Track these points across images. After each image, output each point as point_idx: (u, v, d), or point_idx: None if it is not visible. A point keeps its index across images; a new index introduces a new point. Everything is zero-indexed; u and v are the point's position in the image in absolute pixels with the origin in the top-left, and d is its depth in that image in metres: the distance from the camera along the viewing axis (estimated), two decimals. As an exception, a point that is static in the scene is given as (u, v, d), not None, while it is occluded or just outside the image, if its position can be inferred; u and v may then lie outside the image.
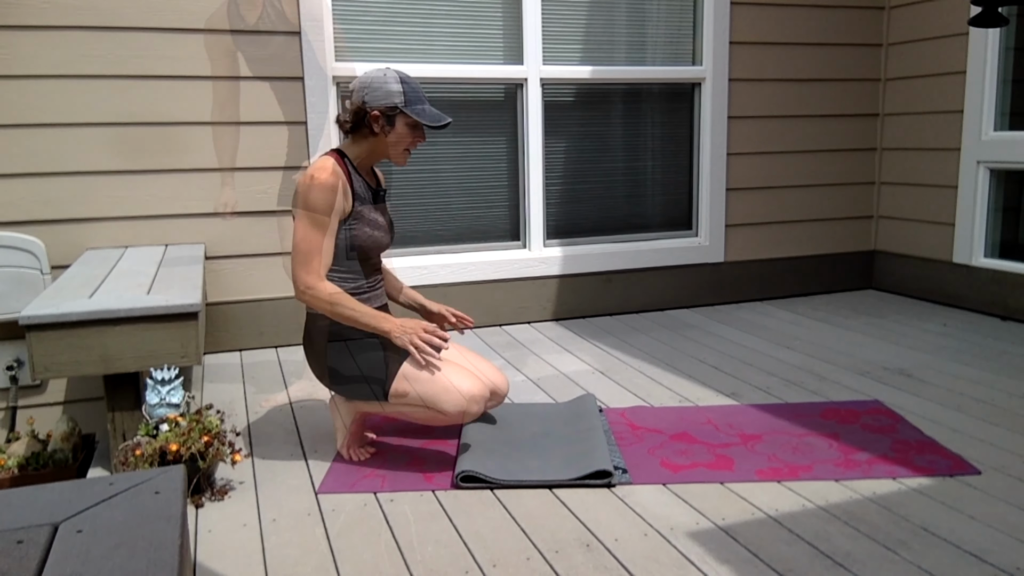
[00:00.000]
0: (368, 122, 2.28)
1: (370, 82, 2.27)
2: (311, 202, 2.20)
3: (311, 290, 2.22)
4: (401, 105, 2.26)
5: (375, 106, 2.26)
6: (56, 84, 3.25)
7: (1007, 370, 3.17)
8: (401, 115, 2.28)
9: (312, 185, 2.20)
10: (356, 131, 2.32)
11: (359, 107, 2.27)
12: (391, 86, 2.26)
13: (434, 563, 1.84)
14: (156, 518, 1.17)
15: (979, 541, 1.89)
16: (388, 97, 2.26)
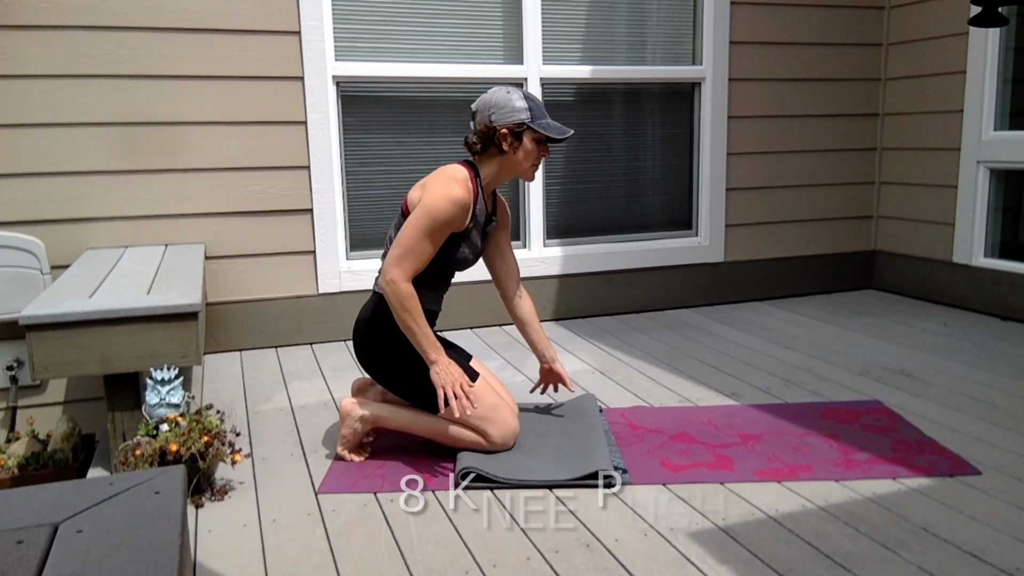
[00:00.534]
0: (497, 140, 2.32)
1: (495, 101, 2.32)
2: (438, 211, 2.22)
3: (394, 284, 2.23)
4: (528, 121, 2.33)
5: (503, 124, 2.31)
6: (56, 84, 3.25)
7: (1007, 370, 3.17)
8: (528, 131, 2.34)
9: (446, 196, 2.22)
10: (484, 151, 2.36)
11: (487, 126, 2.32)
12: (516, 103, 2.32)
13: (434, 563, 1.84)
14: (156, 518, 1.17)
15: (979, 541, 1.89)
16: (515, 114, 2.31)
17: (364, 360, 2.40)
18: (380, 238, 3.90)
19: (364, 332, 2.39)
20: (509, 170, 2.40)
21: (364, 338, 2.38)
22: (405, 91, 3.86)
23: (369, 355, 2.39)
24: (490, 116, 2.32)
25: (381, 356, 2.37)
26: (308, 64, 3.57)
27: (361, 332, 2.39)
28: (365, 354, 2.39)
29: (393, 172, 3.89)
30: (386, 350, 2.35)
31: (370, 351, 2.38)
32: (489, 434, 2.34)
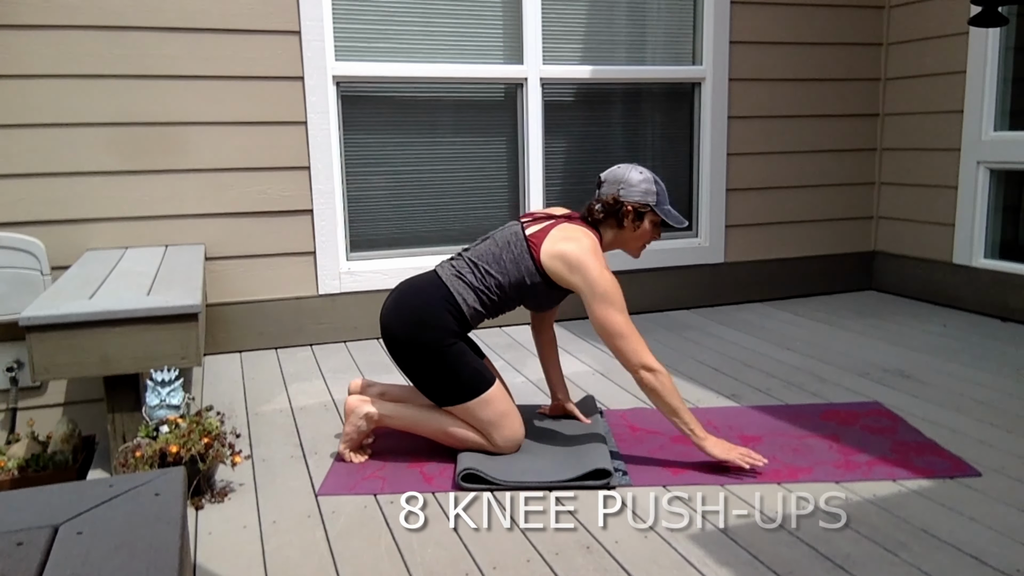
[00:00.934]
0: (620, 215, 2.38)
1: (627, 178, 2.38)
2: (619, 296, 2.28)
3: (656, 370, 2.23)
4: (653, 204, 2.39)
5: (630, 201, 2.37)
6: (56, 84, 3.25)
7: (1007, 371, 3.17)
8: (650, 213, 2.40)
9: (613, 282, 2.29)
10: (603, 221, 2.42)
11: (615, 199, 2.38)
12: (647, 186, 2.38)
13: (434, 565, 1.84)
14: (156, 520, 1.16)
15: (979, 543, 1.89)
16: (643, 196, 2.38)
17: (402, 346, 2.35)
18: (380, 238, 3.90)
19: (411, 322, 2.33)
20: (620, 243, 2.46)
21: (410, 328, 2.33)
22: (405, 91, 3.86)
23: (409, 343, 2.33)
24: (619, 191, 2.38)
25: (422, 347, 2.31)
26: (308, 64, 3.57)
27: (407, 320, 2.33)
28: (406, 341, 2.33)
29: (393, 172, 3.89)
30: (429, 343, 2.31)
31: (412, 341, 2.32)
32: (494, 439, 2.35)
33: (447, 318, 2.32)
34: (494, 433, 2.34)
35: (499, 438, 2.35)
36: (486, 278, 2.36)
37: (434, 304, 2.33)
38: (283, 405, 2.95)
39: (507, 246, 2.38)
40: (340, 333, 3.78)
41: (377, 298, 3.79)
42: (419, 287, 2.40)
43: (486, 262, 2.38)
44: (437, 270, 2.44)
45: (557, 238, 2.35)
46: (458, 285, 2.36)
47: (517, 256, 2.36)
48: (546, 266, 2.33)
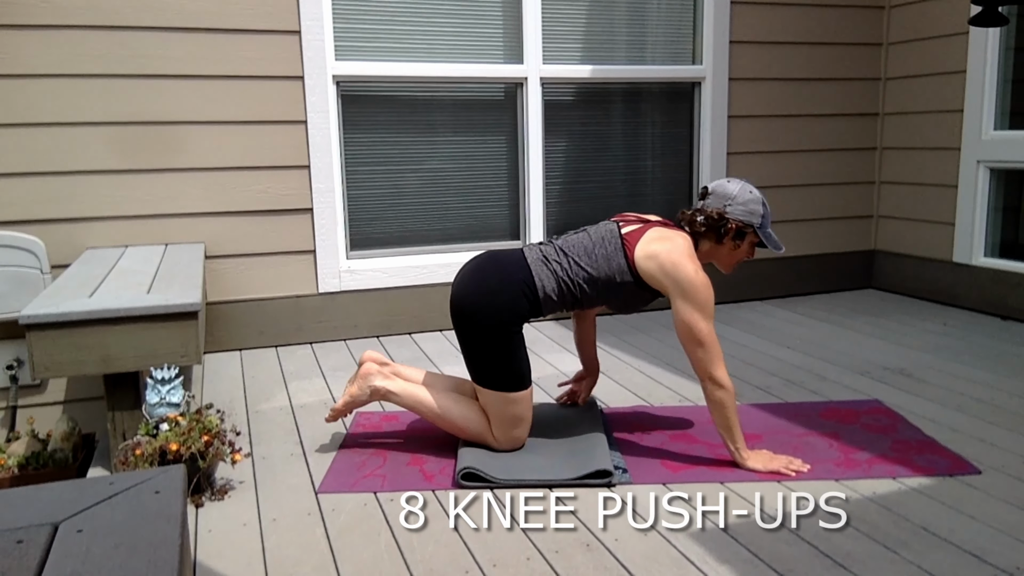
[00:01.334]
0: (723, 231, 2.35)
1: (735, 194, 2.35)
2: (710, 302, 2.26)
3: (726, 385, 2.24)
4: (756, 226, 2.36)
5: (734, 219, 2.34)
6: (56, 84, 3.25)
7: (1007, 370, 3.17)
8: (751, 234, 2.38)
9: (706, 286, 2.27)
10: (703, 234, 2.40)
11: (719, 214, 2.35)
12: (754, 206, 2.35)
13: (434, 563, 1.84)
14: (156, 518, 1.16)
15: (979, 541, 1.89)
16: (749, 216, 2.35)
17: (466, 315, 2.33)
18: (380, 237, 3.90)
19: (484, 293, 2.32)
20: (713, 256, 2.44)
21: (481, 299, 2.31)
22: (405, 91, 3.86)
23: (475, 314, 2.31)
24: (725, 206, 2.35)
25: (486, 320, 2.30)
26: (308, 64, 3.57)
27: (481, 291, 2.32)
28: (472, 312, 2.32)
29: (393, 172, 3.89)
30: (495, 321, 2.30)
31: (478, 312, 2.31)
32: (499, 435, 2.36)
33: (521, 302, 2.31)
34: (503, 430, 2.35)
35: (504, 437, 2.35)
36: (573, 269, 2.34)
37: (512, 285, 2.32)
38: (283, 403, 2.95)
39: (601, 241, 2.38)
40: (340, 331, 3.78)
41: (377, 297, 3.80)
42: (502, 263, 2.39)
43: (577, 253, 2.37)
44: (524, 251, 2.41)
45: (652, 238, 2.35)
46: (541, 270, 2.34)
47: (610, 252, 2.35)
48: (639, 266, 2.31)
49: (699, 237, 2.41)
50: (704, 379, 2.26)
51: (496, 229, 4.10)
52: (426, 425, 2.68)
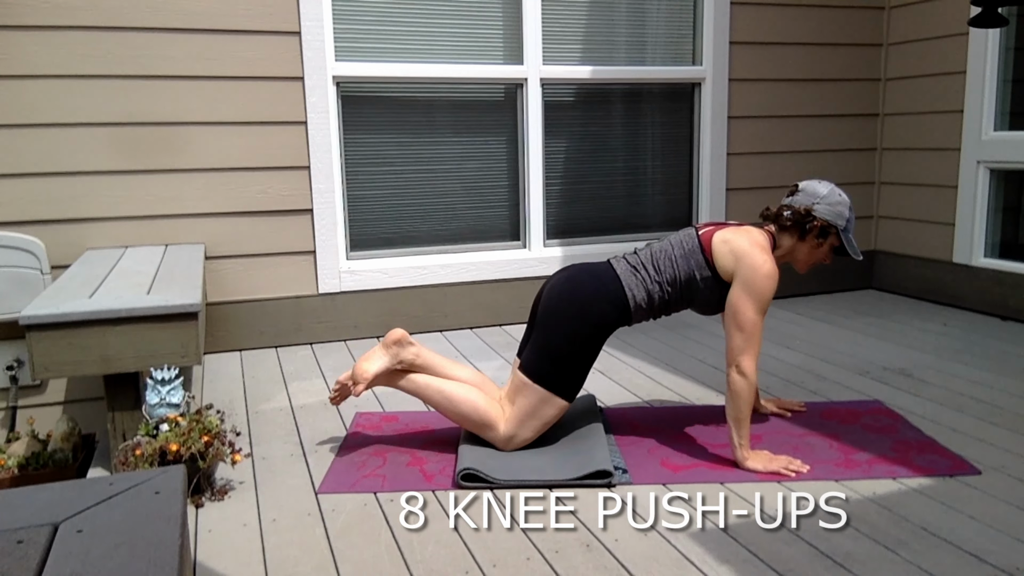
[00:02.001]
0: (808, 228, 2.38)
1: (825, 194, 2.38)
2: (767, 293, 2.27)
3: (748, 376, 2.24)
4: (840, 229, 2.38)
5: (821, 217, 2.37)
6: (56, 84, 3.25)
7: (1007, 370, 3.17)
8: (834, 236, 2.40)
9: (769, 276, 2.28)
10: (785, 229, 2.42)
11: (807, 211, 2.37)
12: (841, 209, 2.38)
13: (434, 563, 1.84)
14: (156, 518, 1.17)
15: (979, 541, 1.89)
16: (836, 217, 2.37)
17: (552, 310, 2.37)
18: (380, 238, 3.90)
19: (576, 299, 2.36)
20: (793, 253, 2.45)
21: (573, 301, 2.35)
22: (405, 91, 3.86)
23: (562, 311, 2.35)
24: (814, 203, 2.38)
25: (570, 320, 2.34)
26: (308, 64, 3.57)
27: (574, 295, 2.36)
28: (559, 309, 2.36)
29: (393, 172, 3.89)
30: (578, 325, 2.34)
31: (565, 310, 2.35)
32: (510, 431, 2.35)
33: (609, 312, 2.35)
34: (520, 426, 2.35)
35: (515, 433, 2.35)
36: (659, 275, 2.38)
37: (602, 295, 2.36)
38: (283, 403, 2.95)
39: (679, 244, 2.42)
40: (340, 332, 3.78)
41: (377, 297, 3.80)
42: (594, 272, 2.43)
43: (659, 260, 2.40)
44: (612, 263, 2.45)
45: (728, 230, 2.40)
46: (631, 281, 2.38)
47: (688, 251, 2.38)
48: (715, 250, 2.34)
49: (782, 233, 2.44)
50: (731, 365, 2.26)
51: (496, 230, 4.11)
52: (426, 425, 2.68)
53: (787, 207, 2.43)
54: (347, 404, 2.90)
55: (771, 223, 2.47)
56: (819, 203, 2.38)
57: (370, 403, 2.93)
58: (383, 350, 2.44)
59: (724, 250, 2.34)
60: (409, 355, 2.45)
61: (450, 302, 3.92)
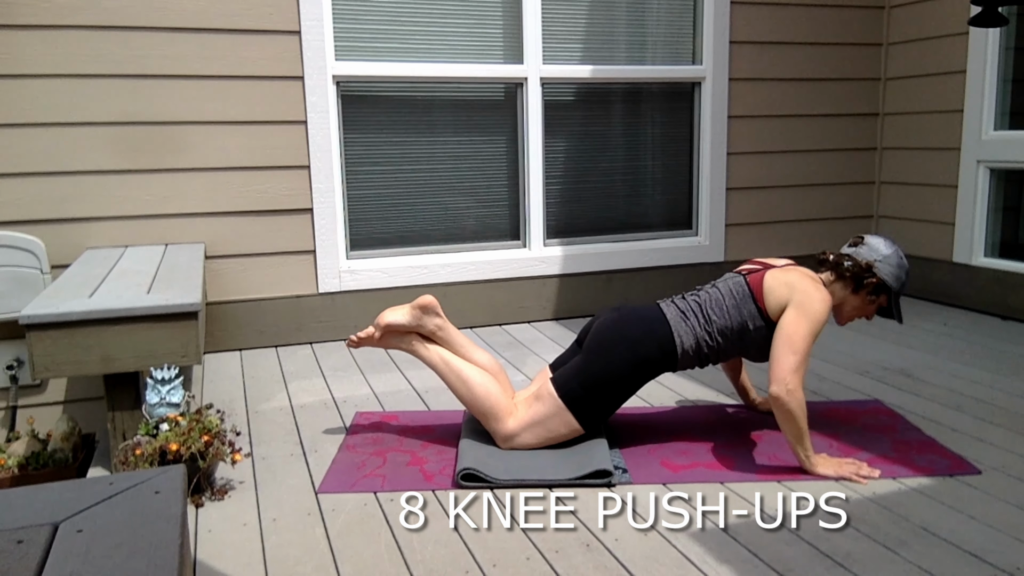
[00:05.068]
0: (865, 283, 2.40)
1: (889, 255, 2.40)
2: (820, 314, 2.28)
3: (796, 392, 2.19)
4: (894, 291, 2.41)
5: (880, 275, 2.38)
6: (56, 84, 3.25)
7: (1007, 370, 3.17)
8: (885, 296, 2.43)
9: (825, 301, 2.31)
10: (842, 279, 2.43)
11: (868, 265, 2.39)
12: (900, 272, 2.41)
13: (434, 563, 1.84)
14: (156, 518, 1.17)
15: (979, 541, 1.89)
16: (893, 279, 2.40)
17: (601, 341, 2.38)
18: (380, 237, 3.90)
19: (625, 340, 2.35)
20: (844, 303, 2.45)
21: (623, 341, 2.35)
22: (405, 91, 3.86)
23: (610, 344, 2.36)
24: (876, 260, 2.39)
25: (618, 353, 2.34)
26: (308, 64, 3.57)
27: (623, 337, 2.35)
28: (607, 344, 2.36)
29: (393, 172, 3.89)
30: (623, 359, 2.34)
31: (613, 347, 2.35)
32: (506, 429, 2.35)
33: (655, 355, 2.34)
34: (527, 430, 2.35)
35: (516, 433, 2.35)
36: (710, 323, 2.37)
37: (651, 338, 2.35)
38: (283, 403, 2.95)
39: (730, 293, 2.40)
40: (340, 331, 3.78)
41: (377, 297, 3.80)
42: (643, 316, 2.41)
43: (710, 308, 2.39)
44: (661, 305, 2.44)
45: (777, 270, 2.42)
46: (681, 327, 2.36)
47: (740, 301, 2.37)
48: (765, 291, 2.35)
49: (836, 282, 2.44)
50: (778, 383, 2.19)
51: (496, 229, 4.11)
52: (426, 425, 2.68)
53: (848, 257, 2.43)
54: (347, 404, 2.91)
55: (827, 269, 2.47)
56: (881, 262, 2.39)
57: (370, 403, 2.93)
58: (409, 309, 2.47)
59: (775, 284, 2.35)
60: (431, 325, 2.47)
61: (450, 302, 3.91)
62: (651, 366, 2.36)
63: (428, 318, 2.47)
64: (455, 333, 2.52)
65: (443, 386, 2.52)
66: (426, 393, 3.01)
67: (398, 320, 2.47)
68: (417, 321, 2.47)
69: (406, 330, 2.49)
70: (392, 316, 2.48)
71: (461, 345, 2.50)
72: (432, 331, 2.48)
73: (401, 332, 2.50)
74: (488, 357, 2.54)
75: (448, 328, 2.51)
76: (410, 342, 2.50)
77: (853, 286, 2.42)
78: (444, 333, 2.49)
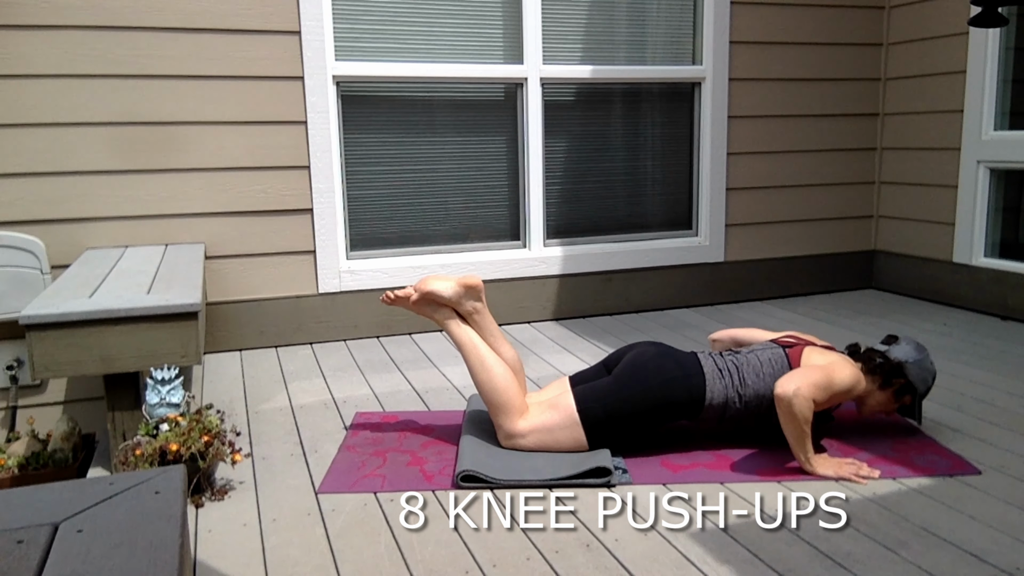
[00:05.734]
0: (893, 381, 2.41)
1: (920, 360, 2.43)
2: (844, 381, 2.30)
3: (804, 400, 2.20)
4: (917, 395, 2.44)
5: (909, 377, 2.40)
6: (56, 84, 3.25)
7: (1007, 370, 3.17)
8: (909, 396, 2.44)
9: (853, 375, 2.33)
10: (872, 373, 2.42)
11: (900, 365, 2.40)
12: (927, 376, 2.44)
13: (434, 563, 1.84)
14: (156, 518, 1.17)
15: (979, 541, 1.89)
16: (920, 383, 2.43)
17: (634, 368, 2.39)
18: (380, 238, 3.90)
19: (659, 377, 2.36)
20: (868, 396, 2.45)
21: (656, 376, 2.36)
22: (405, 91, 3.86)
23: (647, 376, 2.36)
24: (907, 362, 2.41)
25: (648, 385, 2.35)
26: (308, 64, 3.57)
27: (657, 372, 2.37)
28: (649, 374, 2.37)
29: (393, 172, 3.89)
30: (651, 394, 2.34)
31: (646, 378, 2.36)
32: (513, 427, 2.34)
33: (682, 399, 2.34)
34: (534, 431, 2.34)
35: (521, 433, 2.35)
36: (743, 387, 2.36)
37: (683, 382, 2.35)
38: (283, 403, 2.95)
39: (769, 362, 2.40)
40: (340, 332, 3.78)
41: (376, 297, 3.76)
42: (681, 362, 2.41)
43: (747, 372, 2.38)
44: (700, 359, 2.43)
45: (819, 347, 2.43)
46: (716, 384, 2.36)
47: (777, 372, 2.36)
48: (804, 362, 2.36)
49: (866, 374, 2.43)
50: (785, 387, 2.21)
51: (496, 230, 4.11)
52: (426, 425, 2.68)
53: (881, 355, 2.44)
54: (347, 404, 2.91)
55: (858, 361, 2.46)
56: (912, 364, 2.41)
57: (370, 403, 2.93)
58: (455, 284, 2.45)
59: (815, 360, 2.36)
60: (469, 306, 2.47)
61: (450, 302, 3.92)
62: (675, 409, 2.36)
63: (469, 300, 2.46)
64: (490, 321, 2.51)
65: (443, 386, 2.52)
66: (426, 393, 3.01)
67: (441, 291, 2.44)
68: (459, 298, 2.46)
69: (444, 303, 2.47)
70: (436, 285, 2.45)
71: (492, 334, 2.49)
72: (469, 312, 2.47)
73: (439, 303, 2.47)
74: (514, 354, 2.53)
75: (485, 313, 2.50)
76: (444, 316, 2.48)
77: (881, 381, 2.42)
78: (480, 317, 2.48)
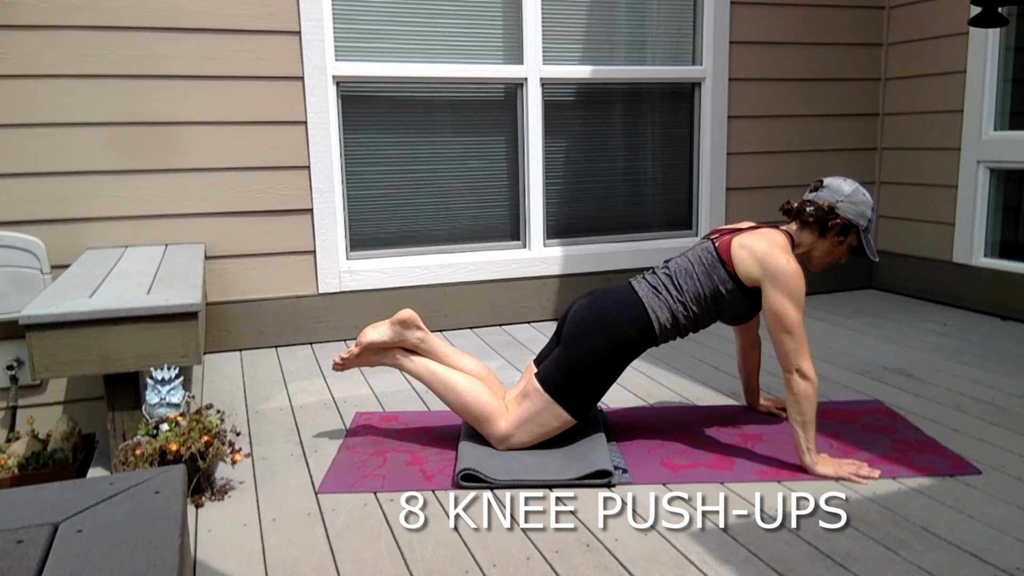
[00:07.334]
0: (829, 225, 2.37)
1: (850, 193, 2.37)
2: (800, 291, 2.28)
3: (811, 377, 2.21)
4: (861, 229, 2.38)
5: (844, 215, 2.36)
6: (56, 84, 3.25)
7: (1007, 370, 3.17)
8: (853, 235, 2.40)
9: (797, 274, 2.30)
10: (806, 226, 2.41)
11: (830, 207, 2.36)
12: (864, 208, 2.37)
13: (434, 563, 1.84)
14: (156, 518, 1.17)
15: (979, 541, 1.89)
16: (858, 216, 2.37)
17: (576, 329, 2.37)
18: (380, 238, 3.90)
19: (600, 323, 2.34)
20: (812, 250, 2.45)
21: (597, 326, 2.34)
22: (405, 91, 3.86)
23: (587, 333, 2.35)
24: (838, 201, 2.36)
25: (593, 340, 2.34)
26: (308, 64, 3.57)
27: (598, 321, 2.35)
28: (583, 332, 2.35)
29: (393, 172, 3.89)
30: (602, 345, 2.33)
31: (590, 333, 2.34)
32: (499, 431, 2.35)
33: (633, 334, 2.34)
34: (520, 429, 2.35)
35: (510, 433, 2.35)
36: (682, 294, 2.37)
37: (626, 318, 2.35)
38: (283, 403, 2.95)
39: (699, 260, 2.40)
40: (340, 332, 3.78)
41: (377, 297, 3.80)
42: (616, 297, 2.41)
43: (680, 278, 2.39)
44: (633, 284, 2.44)
45: (744, 235, 2.39)
46: (654, 302, 2.36)
47: (709, 267, 2.37)
48: (734, 258, 2.33)
49: (802, 229, 2.42)
50: (789, 370, 2.24)
51: (496, 230, 4.11)
52: (426, 425, 2.68)
53: (810, 203, 2.40)
54: (347, 404, 2.91)
55: (792, 219, 2.46)
56: (843, 201, 2.36)
57: (370, 403, 2.93)
58: (388, 326, 2.47)
59: (744, 255, 2.33)
60: (413, 339, 2.47)
61: (450, 302, 3.92)
62: (631, 347, 2.36)
63: (409, 332, 2.46)
64: (438, 343, 2.52)
65: (443, 386, 2.52)
66: (426, 393, 3.01)
67: (379, 338, 2.46)
68: (399, 336, 2.46)
69: (389, 346, 2.48)
70: (373, 334, 2.47)
71: (446, 354, 2.50)
72: (415, 344, 2.47)
73: (384, 348, 2.48)
74: (475, 362, 2.54)
75: (430, 339, 2.50)
76: (394, 357, 2.49)
77: (819, 230, 2.40)
78: (427, 345, 2.49)
